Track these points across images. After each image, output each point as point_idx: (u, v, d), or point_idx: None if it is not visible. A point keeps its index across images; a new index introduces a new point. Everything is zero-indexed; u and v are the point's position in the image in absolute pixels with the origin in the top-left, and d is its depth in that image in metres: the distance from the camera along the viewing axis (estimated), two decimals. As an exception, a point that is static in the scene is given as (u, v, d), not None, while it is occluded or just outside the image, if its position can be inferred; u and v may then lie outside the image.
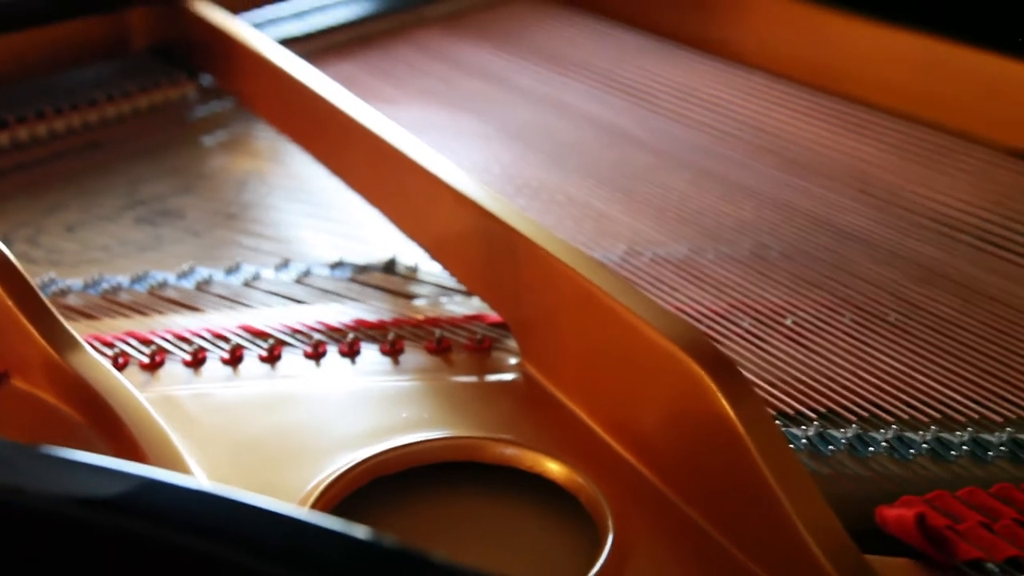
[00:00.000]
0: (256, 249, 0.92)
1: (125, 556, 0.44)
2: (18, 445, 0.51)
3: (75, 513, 0.44)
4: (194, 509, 0.45)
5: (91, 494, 0.45)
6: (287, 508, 0.45)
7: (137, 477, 0.46)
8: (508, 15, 1.30)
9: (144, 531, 0.44)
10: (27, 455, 0.49)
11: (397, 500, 0.68)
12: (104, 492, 0.45)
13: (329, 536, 0.43)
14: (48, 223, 0.97)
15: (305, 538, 0.44)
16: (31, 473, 0.47)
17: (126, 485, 0.46)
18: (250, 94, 1.09)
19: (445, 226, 0.83)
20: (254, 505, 0.45)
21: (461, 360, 0.77)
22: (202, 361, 0.77)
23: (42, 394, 0.72)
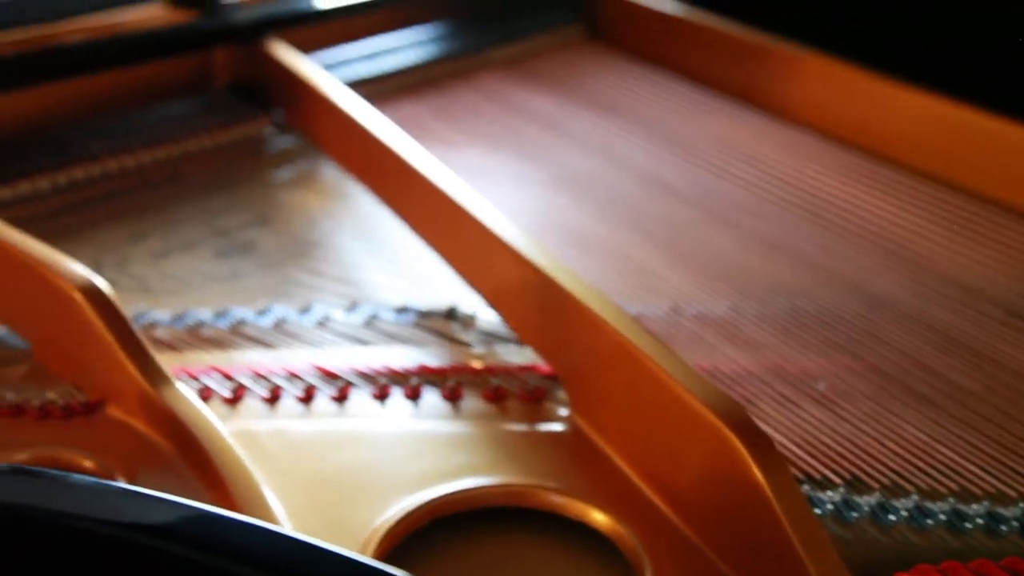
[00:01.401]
0: (323, 289, 0.99)
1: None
2: (80, 477, 0.57)
3: (122, 536, 0.52)
4: (234, 540, 0.52)
5: (139, 520, 0.52)
6: (318, 542, 0.52)
7: (183, 507, 0.53)
8: (566, 61, 1.36)
9: (185, 556, 0.51)
10: (84, 484, 0.56)
11: (449, 539, 0.75)
12: (151, 519, 0.52)
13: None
14: (133, 251, 1.05)
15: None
16: (87, 500, 0.54)
17: (173, 514, 0.53)
18: (319, 133, 1.16)
19: (500, 277, 0.89)
20: (286, 535, 0.52)
21: (515, 409, 0.84)
22: (278, 398, 0.84)
23: (135, 423, 0.80)
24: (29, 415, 0.80)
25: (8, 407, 0.80)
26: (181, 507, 0.53)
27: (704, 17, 1.32)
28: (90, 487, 0.55)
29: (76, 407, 0.81)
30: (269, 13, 1.25)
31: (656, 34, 1.36)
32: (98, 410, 0.81)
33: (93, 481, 0.55)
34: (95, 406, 0.81)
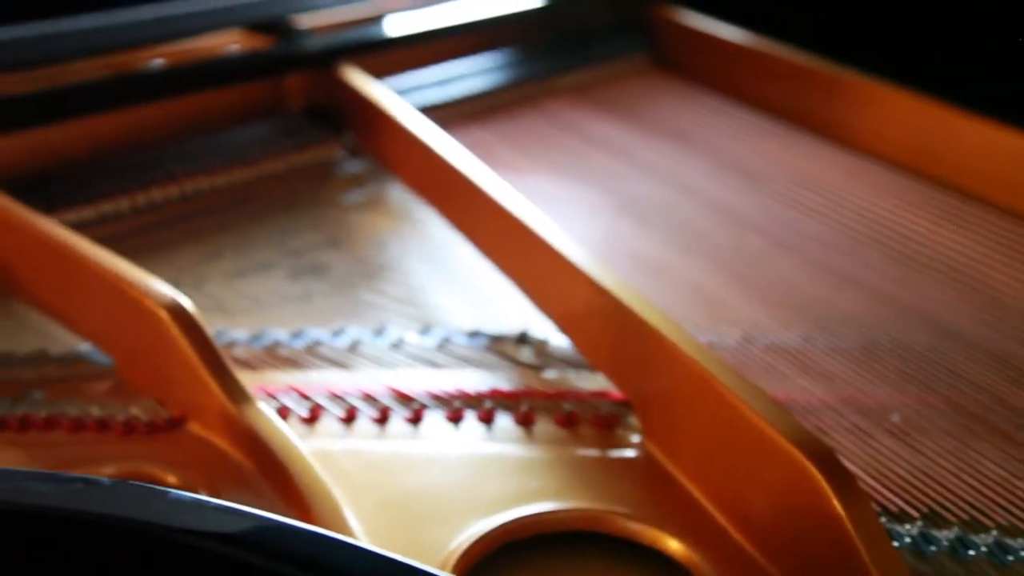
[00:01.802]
0: (394, 311, 1.01)
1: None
2: (157, 489, 0.59)
3: (195, 544, 0.53)
4: (300, 549, 0.53)
5: (212, 529, 0.54)
6: (382, 552, 0.53)
7: (253, 517, 0.54)
8: (634, 88, 1.37)
9: (253, 563, 0.52)
10: (162, 496, 0.57)
11: (523, 563, 0.75)
12: (223, 528, 0.54)
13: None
14: (209, 271, 1.07)
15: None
16: (164, 510, 0.56)
17: (244, 524, 0.54)
18: (390, 157, 1.18)
19: (572, 302, 0.90)
20: (353, 545, 0.53)
21: (587, 434, 0.84)
22: (354, 418, 0.85)
23: (216, 440, 0.81)
24: (114, 430, 0.82)
25: (94, 422, 0.83)
26: (275, 522, 0.54)
27: (770, 46, 1.32)
28: (182, 499, 0.56)
29: (159, 423, 0.83)
30: (342, 40, 1.28)
31: (722, 62, 1.37)
32: (180, 426, 0.83)
33: (186, 495, 0.56)
34: (177, 422, 0.83)
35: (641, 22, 1.45)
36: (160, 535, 0.53)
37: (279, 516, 0.55)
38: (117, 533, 0.54)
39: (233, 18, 1.27)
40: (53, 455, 0.80)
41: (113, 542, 0.54)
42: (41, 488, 0.55)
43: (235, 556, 0.52)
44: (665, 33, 1.43)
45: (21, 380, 0.87)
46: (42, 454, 0.80)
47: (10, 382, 0.87)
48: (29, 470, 0.57)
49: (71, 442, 0.82)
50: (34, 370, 0.89)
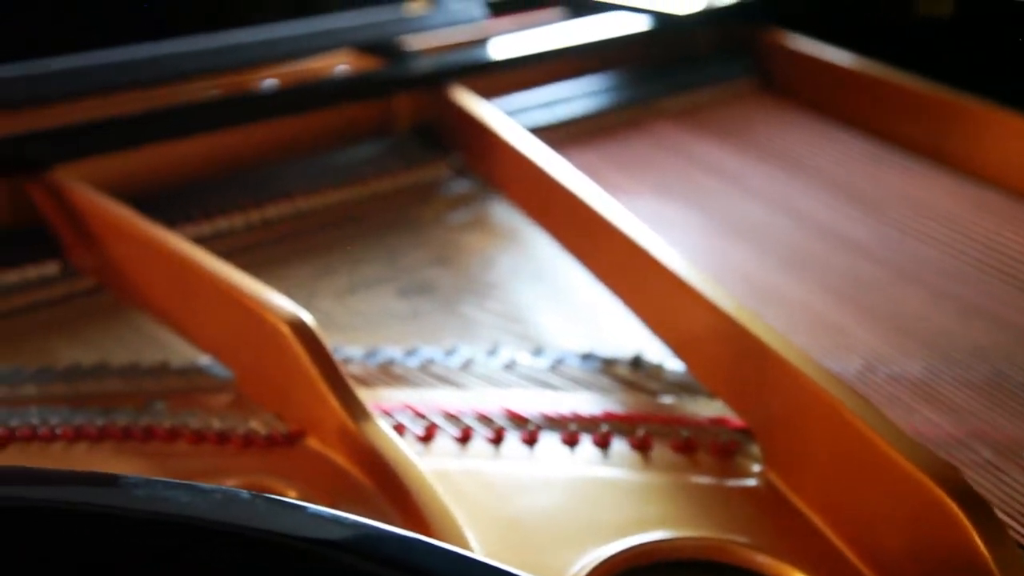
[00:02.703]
0: (503, 330, 1.01)
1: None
2: (295, 502, 0.59)
3: (304, 549, 0.53)
4: (404, 556, 0.53)
5: (318, 535, 0.54)
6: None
7: (357, 525, 0.54)
8: (741, 112, 1.36)
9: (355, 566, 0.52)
10: (300, 509, 0.57)
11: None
12: (329, 534, 0.54)
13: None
14: (320, 288, 1.08)
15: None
16: (304, 523, 0.56)
17: (348, 531, 0.54)
18: (499, 177, 1.18)
19: (689, 328, 0.89)
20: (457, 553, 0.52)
21: (705, 461, 0.83)
22: (469, 438, 0.85)
23: (334, 455, 0.82)
24: (234, 443, 0.83)
25: (215, 434, 0.84)
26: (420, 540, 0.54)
27: (882, 70, 1.30)
28: (320, 513, 0.56)
29: (278, 437, 0.84)
30: (451, 61, 1.29)
31: (832, 87, 1.34)
32: (299, 441, 0.84)
33: (323, 509, 0.57)
34: (296, 437, 0.84)
35: (748, 46, 1.44)
36: (300, 548, 0.53)
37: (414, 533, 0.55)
38: (257, 544, 0.54)
39: (345, 39, 1.29)
40: (176, 466, 0.81)
41: (254, 553, 0.54)
42: (183, 498, 0.55)
43: (378, 573, 0.52)
44: (773, 57, 1.42)
45: (144, 391, 0.89)
46: (165, 464, 0.81)
47: (133, 393, 0.89)
48: (168, 480, 0.57)
49: (192, 454, 0.83)
50: (156, 382, 0.90)
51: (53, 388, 0.89)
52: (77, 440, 0.83)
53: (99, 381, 0.90)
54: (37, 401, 0.87)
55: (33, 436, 0.83)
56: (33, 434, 0.83)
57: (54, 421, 0.84)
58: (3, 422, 0.83)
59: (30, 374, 0.90)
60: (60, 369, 0.91)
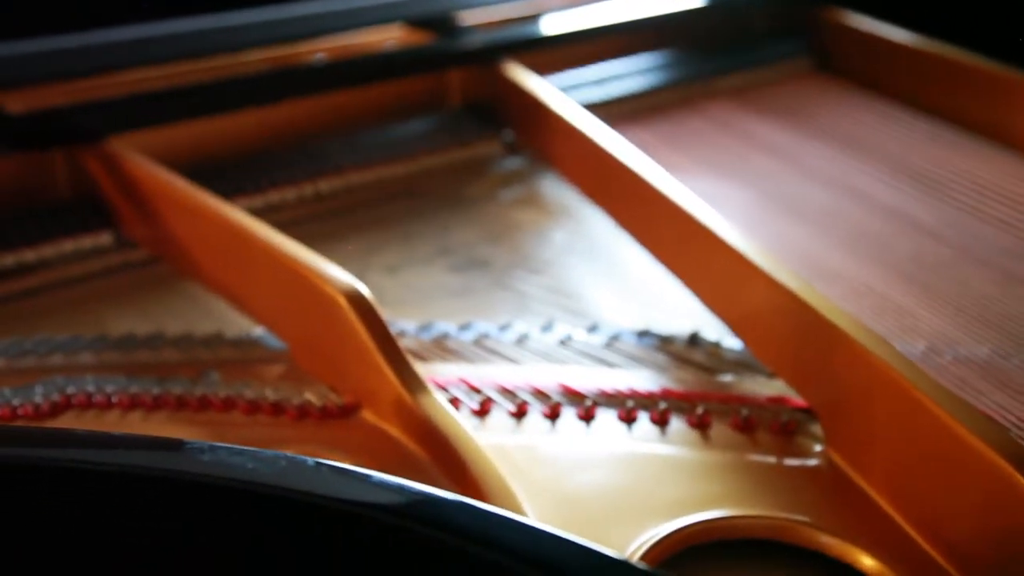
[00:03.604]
0: (557, 306, 1.00)
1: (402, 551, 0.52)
2: (332, 464, 0.58)
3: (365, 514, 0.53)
4: (457, 519, 0.52)
5: (384, 502, 0.53)
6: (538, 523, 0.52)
7: (422, 493, 0.54)
8: (795, 91, 1.33)
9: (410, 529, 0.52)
10: (339, 470, 0.57)
11: (697, 569, 0.73)
12: (394, 502, 0.53)
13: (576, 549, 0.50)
14: (372, 262, 1.08)
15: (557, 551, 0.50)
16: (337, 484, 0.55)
17: (413, 499, 0.53)
18: (555, 154, 1.17)
19: (750, 306, 0.87)
20: (509, 517, 0.51)
21: (764, 440, 0.81)
22: (525, 413, 0.84)
23: (389, 428, 0.81)
24: (288, 414, 0.83)
25: (269, 405, 0.83)
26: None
27: (946, 49, 1.27)
28: (387, 482, 0.55)
29: (332, 409, 0.83)
30: (504, 37, 1.27)
31: (892, 65, 1.31)
32: (353, 413, 0.83)
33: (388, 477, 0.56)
34: (351, 409, 0.83)
35: (803, 24, 1.41)
36: (365, 515, 0.53)
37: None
38: (321, 511, 0.54)
39: (397, 14, 1.28)
40: (231, 435, 0.81)
41: (319, 520, 0.53)
42: (247, 464, 0.55)
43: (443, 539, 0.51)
44: (829, 35, 1.39)
45: (198, 361, 0.89)
46: (220, 434, 0.81)
47: (187, 363, 0.89)
48: (232, 446, 0.57)
49: (247, 424, 0.83)
50: (210, 352, 0.90)
51: (108, 357, 0.89)
52: (132, 408, 0.83)
53: (154, 351, 0.90)
54: (93, 370, 0.87)
55: (89, 404, 0.83)
56: (89, 401, 0.83)
57: (110, 389, 0.84)
58: (60, 389, 0.83)
59: (86, 342, 0.90)
60: (115, 338, 0.91)
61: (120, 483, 0.55)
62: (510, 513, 0.55)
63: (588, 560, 0.50)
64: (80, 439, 0.59)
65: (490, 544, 0.50)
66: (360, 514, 0.52)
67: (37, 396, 0.82)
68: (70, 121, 1.06)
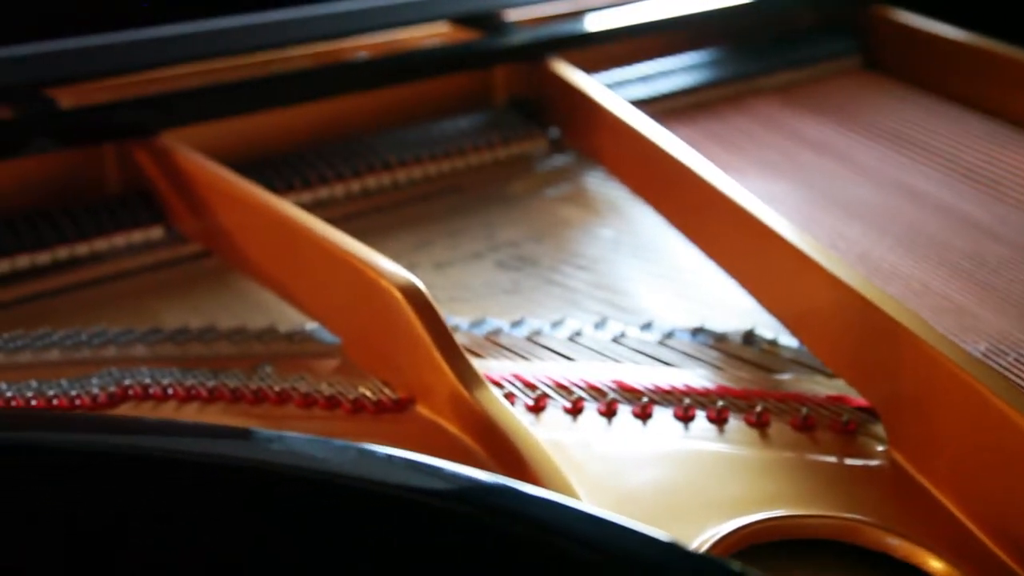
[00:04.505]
0: (607, 304, 0.99)
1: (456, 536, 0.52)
2: (403, 454, 0.58)
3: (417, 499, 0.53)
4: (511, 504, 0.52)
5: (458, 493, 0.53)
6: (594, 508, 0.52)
7: (498, 484, 0.54)
8: (843, 89, 1.32)
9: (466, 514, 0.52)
10: (412, 461, 0.56)
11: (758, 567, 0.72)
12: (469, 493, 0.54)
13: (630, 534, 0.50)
14: (420, 259, 1.07)
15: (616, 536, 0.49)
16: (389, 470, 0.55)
17: (487, 490, 0.53)
18: (604, 151, 1.16)
19: (810, 304, 0.86)
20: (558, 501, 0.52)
21: (824, 440, 0.80)
22: (580, 410, 0.83)
23: (444, 423, 0.81)
24: (343, 408, 0.83)
25: (324, 399, 0.83)
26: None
27: (993, 44, 1.25)
28: (457, 473, 0.55)
29: (387, 403, 0.83)
30: (550, 33, 1.27)
31: (939, 62, 1.30)
32: (408, 408, 0.83)
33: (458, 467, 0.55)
34: (405, 403, 0.83)
35: (851, 22, 1.40)
36: (437, 505, 0.52)
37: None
38: (393, 500, 0.53)
39: (444, 11, 1.28)
40: (287, 428, 0.80)
41: (390, 509, 0.53)
42: (318, 452, 0.55)
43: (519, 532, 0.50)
44: (878, 33, 1.37)
45: (251, 355, 0.89)
46: (277, 427, 0.80)
47: (241, 356, 0.89)
48: (300, 435, 0.57)
49: (302, 417, 0.82)
50: (263, 346, 0.90)
51: (162, 349, 0.89)
52: (188, 400, 0.83)
53: (207, 344, 0.90)
54: (147, 362, 0.87)
55: (145, 395, 0.83)
56: (145, 393, 0.83)
57: (166, 381, 0.84)
58: (117, 381, 0.83)
59: (140, 335, 0.90)
60: (169, 331, 0.91)
61: (189, 471, 0.55)
62: (589, 506, 0.54)
63: (685, 561, 0.49)
64: (150, 427, 0.59)
65: (570, 536, 0.50)
66: (432, 505, 0.52)
67: (94, 387, 0.82)
68: (121, 116, 1.06)
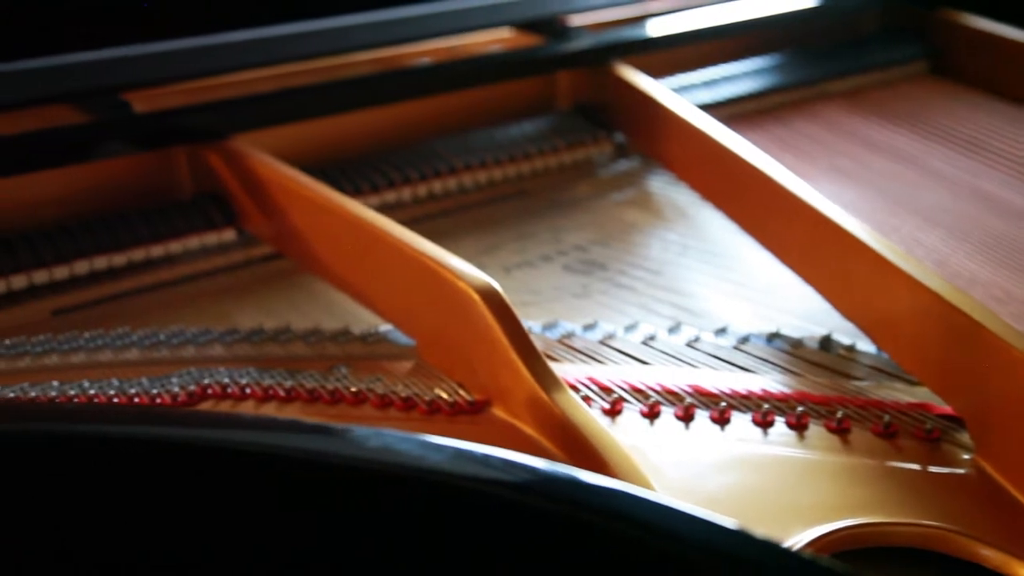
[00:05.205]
0: (679, 307, 0.98)
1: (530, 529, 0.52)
2: (501, 452, 0.57)
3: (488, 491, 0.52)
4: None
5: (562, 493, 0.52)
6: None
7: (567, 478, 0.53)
8: (911, 94, 1.31)
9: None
10: (510, 459, 0.56)
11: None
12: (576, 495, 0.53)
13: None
14: (488, 262, 1.07)
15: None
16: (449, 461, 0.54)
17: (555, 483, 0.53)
18: (671, 156, 1.15)
19: (891, 309, 0.85)
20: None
21: (907, 447, 0.79)
22: (657, 414, 0.83)
23: (521, 425, 0.80)
24: (419, 410, 0.83)
25: (400, 400, 0.83)
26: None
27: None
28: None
29: (463, 405, 0.83)
30: (614, 39, 1.27)
31: (1010, 66, 1.28)
32: (484, 410, 0.83)
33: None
34: (481, 405, 0.83)
35: (917, 26, 1.38)
36: (539, 505, 0.52)
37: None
38: (494, 499, 0.53)
39: (507, 17, 1.28)
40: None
41: (491, 509, 0.53)
42: (415, 450, 0.54)
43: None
44: (946, 37, 1.36)
45: (327, 356, 0.89)
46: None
47: (316, 357, 0.89)
48: (395, 432, 0.56)
49: (380, 418, 0.82)
50: (338, 347, 0.90)
51: (239, 349, 0.90)
52: (266, 400, 0.83)
53: (283, 345, 0.90)
54: (224, 362, 0.88)
55: (224, 394, 0.83)
56: (224, 392, 0.83)
57: (244, 381, 0.84)
58: (196, 380, 0.84)
59: (217, 335, 0.91)
60: (245, 332, 0.92)
61: (283, 467, 0.55)
62: (690, 507, 0.53)
63: (785, 560, 0.48)
64: (246, 422, 0.59)
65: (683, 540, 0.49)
66: (537, 505, 0.51)
67: (174, 386, 0.83)
68: (193, 120, 1.07)
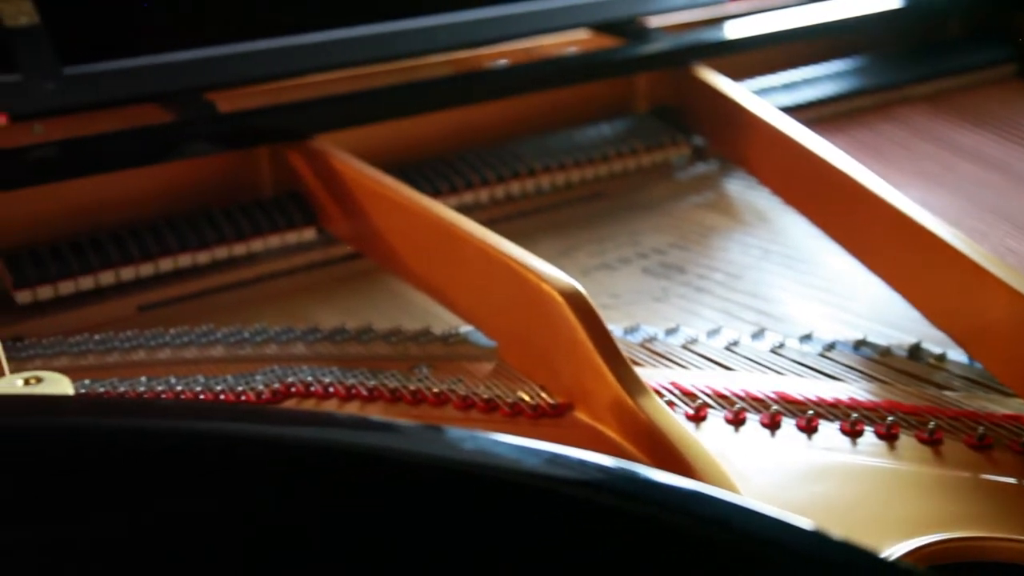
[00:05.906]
0: (761, 313, 0.97)
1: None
2: (600, 459, 0.57)
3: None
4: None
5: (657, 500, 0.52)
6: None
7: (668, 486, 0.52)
8: (997, 98, 1.28)
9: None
10: (608, 466, 0.55)
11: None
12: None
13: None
14: (566, 264, 1.06)
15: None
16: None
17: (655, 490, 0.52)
18: (753, 159, 1.14)
19: (985, 318, 0.83)
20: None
21: (1004, 460, 0.77)
22: (742, 421, 0.81)
23: (605, 429, 0.80)
24: (501, 411, 0.82)
25: (482, 402, 0.83)
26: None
27: None
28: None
29: (545, 408, 0.82)
30: (693, 41, 1.25)
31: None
32: (567, 413, 0.82)
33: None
34: (564, 408, 0.82)
35: (1004, 30, 1.35)
36: (639, 512, 0.52)
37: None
38: (587, 504, 0.52)
39: (586, 19, 1.27)
40: (446, 430, 0.81)
41: (588, 516, 0.52)
42: (510, 453, 0.54)
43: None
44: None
45: (408, 356, 0.89)
46: (437, 428, 0.81)
47: (398, 357, 0.89)
48: (489, 434, 0.56)
49: (461, 419, 0.82)
50: (419, 347, 0.90)
51: (321, 348, 0.90)
52: (349, 399, 0.84)
53: (364, 344, 0.91)
54: (306, 360, 0.88)
55: (307, 393, 0.84)
56: (307, 391, 0.84)
57: (327, 380, 0.85)
58: (280, 378, 0.85)
59: (299, 334, 0.92)
60: (327, 331, 0.92)
61: (385, 468, 0.55)
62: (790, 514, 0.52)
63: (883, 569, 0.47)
64: (337, 421, 0.59)
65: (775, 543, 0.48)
66: (636, 511, 0.51)
67: (259, 383, 0.84)
68: (275, 120, 1.08)
